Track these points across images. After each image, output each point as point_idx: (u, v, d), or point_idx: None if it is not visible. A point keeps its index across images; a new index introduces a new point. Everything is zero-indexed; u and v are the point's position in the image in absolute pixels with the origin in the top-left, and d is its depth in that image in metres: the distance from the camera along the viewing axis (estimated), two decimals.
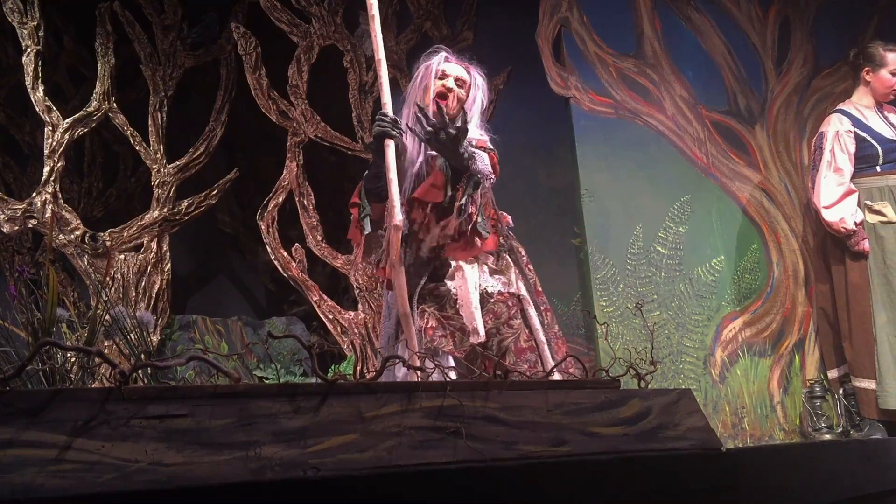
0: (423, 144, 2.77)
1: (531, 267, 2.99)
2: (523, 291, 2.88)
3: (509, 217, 3.05)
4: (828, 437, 4.06)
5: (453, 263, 2.77)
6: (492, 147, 2.84)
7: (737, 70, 4.65)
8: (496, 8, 5.12)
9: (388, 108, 2.68)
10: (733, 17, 4.71)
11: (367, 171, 2.87)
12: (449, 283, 2.75)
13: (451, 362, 2.67)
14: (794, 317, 4.41)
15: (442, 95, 2.81)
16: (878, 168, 4.09)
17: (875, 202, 4.06)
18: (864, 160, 4.12)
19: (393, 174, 2.61)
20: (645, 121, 4.39)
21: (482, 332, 2.68)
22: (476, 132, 2.86)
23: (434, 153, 2.73)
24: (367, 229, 2.78)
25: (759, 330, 4.35)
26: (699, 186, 4.41)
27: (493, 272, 2.85)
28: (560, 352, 2.86)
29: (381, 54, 2.69)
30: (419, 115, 2.58)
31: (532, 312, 2.86)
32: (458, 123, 2.57)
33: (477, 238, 2.71)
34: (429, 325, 2.71)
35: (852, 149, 4.10)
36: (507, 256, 2.92)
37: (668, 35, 4.56)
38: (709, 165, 4.46)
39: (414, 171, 2.81)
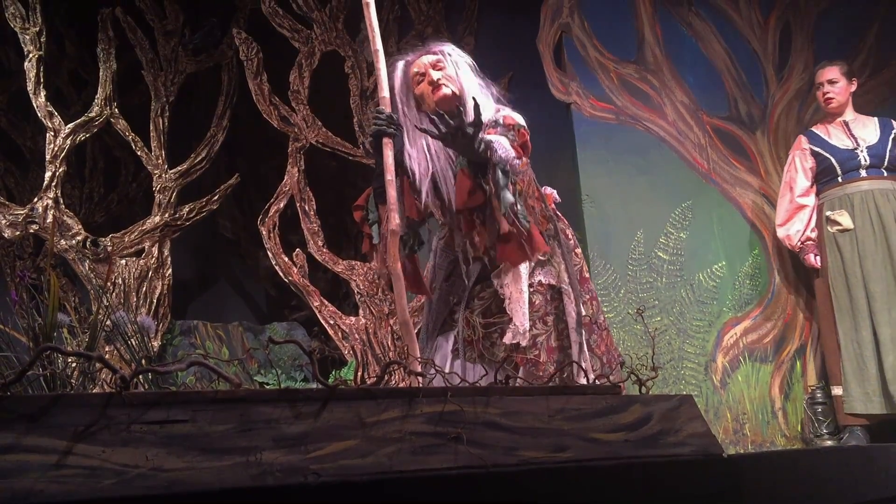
0: (434, 148, 2.64)
1: (579, 251, 2.80)
2: (565, 283, 2.65)
3: (554, 192, 2.85)
4: (829, 443, 4.05)
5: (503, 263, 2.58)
6: (521, 123, 2.62)
7: (738, 76, 4.65)
8: (497, 13, 5.12)
9: (386, 103, 2.55)
10: (734, 23, 4.71)
11: (375, 175, 2.70)
12: (495, 282, 2.59)
13: (479, 371, 2.55)
14: (796, 323, 4.41)
15: (435, 88, 2.63)
16: (839, 179, 4.17)
17: (834, 212, 4.12)
18: (824, 173, 4.23)
19: (391, 175, 2.48)
20: (646, 126, 4.39)
21: (526, 335, 2.53)
22: (491, 107, 2.66)
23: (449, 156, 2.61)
24: (376, 238, 2.61)
25: (760, 336, 4.35)
26: (700, 192, 4.41)
27: (540, 264, 2.66)
28: (601, 345, 2.67)
29: (378, 44, 2.54)
30: (433, 117, 2.39)
31: (570, 309, 2.62)
32: (472, 119, 2.37)
33: (526, 240, 2.47)
34: (476, 337, 2.60)
35: (808, 164, 4.27)
36: (553, 243, 2.70)
37: (668, 41, 4.56)
38: (710, 171, 4.46)
39: (429, 176, 2.65)
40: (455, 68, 2.68)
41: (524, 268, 2.58)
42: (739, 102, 4.63)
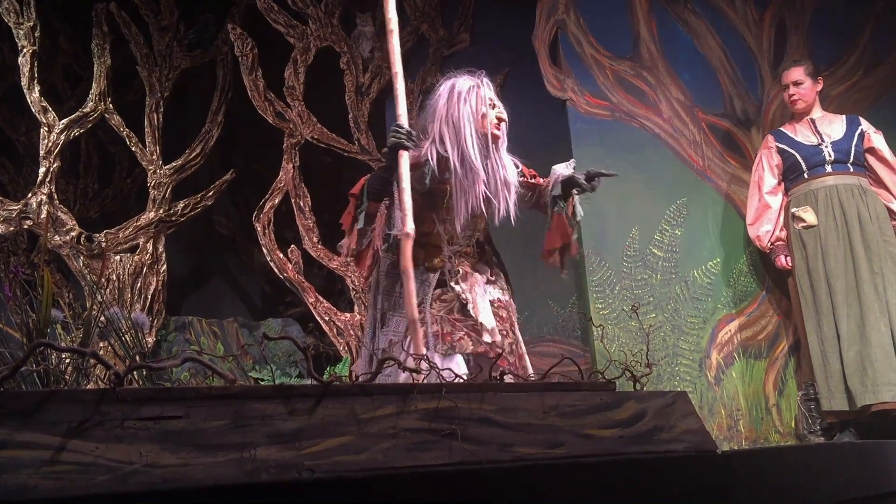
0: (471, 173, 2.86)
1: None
2: (509, 299, 3.02)
3: None
4: (823, 439, 4.06)
5: (461, 270, 2.89)
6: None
7: (733, 73, 4.65)
8: (493, 10, 5.12)
9: (403, 120, 2.74)
10: (729, 21, 4.71)
11: (374, 173, 2.94)
12: (456, 288, 2.86)
13: (464, 367, 2.73)
14: (790, 320, 4.41)
15: (499, 126, 2.91)
16: (805, 175, 4.17)
17: (799, 208, 4.12)
18: (791, 170, 4.23)
19: (406, 184, 2.67)
20: (641, 123, 4.39)
21: (498, 333, 2.81)
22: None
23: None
24: (361, 224, 2.86)
25: (754, 332, 4.35)
26: (695, 189, 4.41)
27: (490, 283, 2.97)
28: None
29: (398, 67, 2.75)
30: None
31: (515, 320, 2.99)
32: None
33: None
34: (444, 332, 2.78)
35: (775, 161, 4.27)
36: (498, 269, 3.07)
37: (664, 38, 4.56)
38: (705, 168, 4.46)
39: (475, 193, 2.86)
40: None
41: (480, 277, 2.93)
42: (735, 99, 4.63)
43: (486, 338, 2.77)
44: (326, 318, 4.61)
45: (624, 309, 4.04)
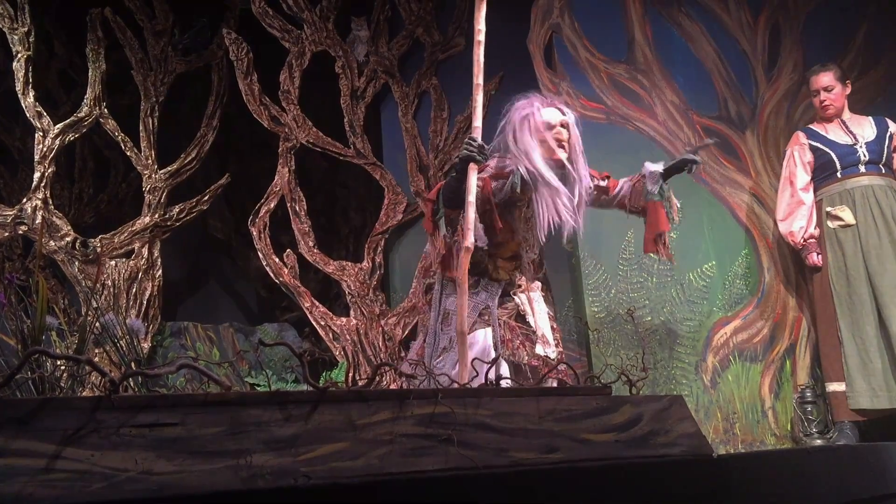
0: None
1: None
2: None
3: None
4: (819, 442, 4.06)
5: (522, 284, 3.07)
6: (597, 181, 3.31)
7: (727, 76, 4.66)
8: (488, 14, 5.10)
9: (478, 133, 2.80)
10: (724, 24, 4.72)
11: (448, 181, 2.99)
12: (516, 299, 3.05)
13: (506, 371, 2.86)
14: (786, 322, 4.42)
15: (561, 145, 3.02)
16: (838, 174, 4.16)
17: (835, 207, 4.12)
18: (823, 168, 4.21)
19: (472, 197, 2.73)
20: (636, 126, 4.40)
21: (552, 346, 2.97)
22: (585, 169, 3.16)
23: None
24: (443, 230, 2.94)
25: (750, 335, 4.35)
26: (690, 192, 4.41)
27: (545, 300, 3.14)
28: None
29: (480, 79, 2.82)
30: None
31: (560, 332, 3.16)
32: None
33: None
34: (506, 337, 2.95)
35: (807, 158, 4.26)
36: (546, 284, 3.23)
37: (659, 41, 4.57)
38: (700, 171, 4.47)
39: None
40: (575, 137, 3.12)
41: (536, 294, 3.09)
42: (729, 102, 4.64)
43: (539, 349, 2.93)
44: (322, 323, 4.61)
45: (620, 312, 4.05)
